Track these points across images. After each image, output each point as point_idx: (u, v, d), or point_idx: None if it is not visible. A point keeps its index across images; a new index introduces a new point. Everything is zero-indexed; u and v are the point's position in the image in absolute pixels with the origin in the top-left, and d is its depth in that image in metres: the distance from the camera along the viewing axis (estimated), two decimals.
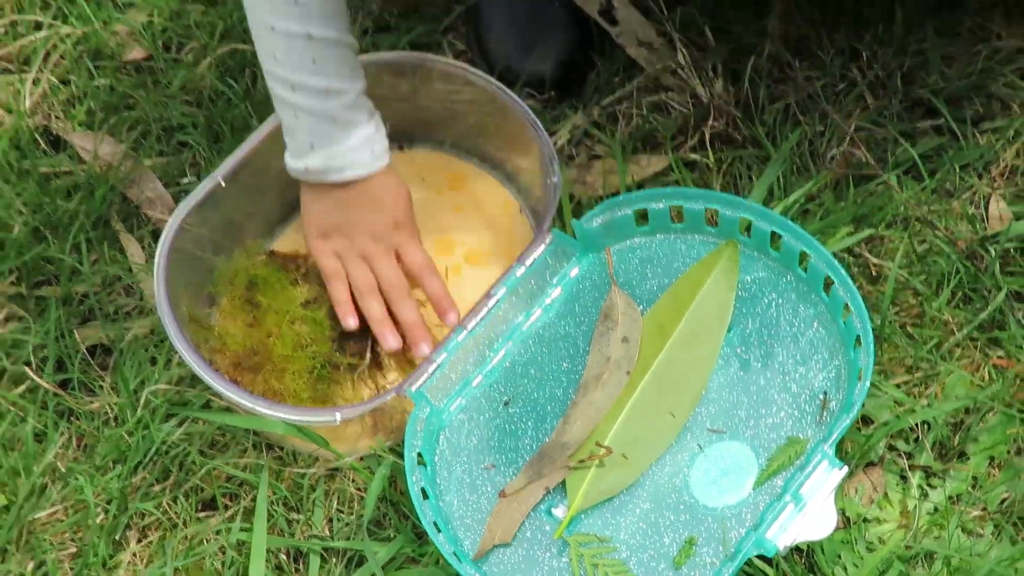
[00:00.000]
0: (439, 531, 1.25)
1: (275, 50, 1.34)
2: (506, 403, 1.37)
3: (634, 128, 1.61)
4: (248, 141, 1.47)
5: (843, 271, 1.33)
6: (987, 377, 1.42)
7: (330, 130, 1.36)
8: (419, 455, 1.31)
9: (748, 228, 1.39)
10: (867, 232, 1.47)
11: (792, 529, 1.21)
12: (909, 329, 1.45)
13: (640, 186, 1.56)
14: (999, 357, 1.44)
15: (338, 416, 1.33)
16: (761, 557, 1.29)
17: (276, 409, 1.34)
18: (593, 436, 1.31)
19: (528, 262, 1.40)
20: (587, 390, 1.35)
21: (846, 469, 1.23)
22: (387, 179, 1.41)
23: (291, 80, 1.34)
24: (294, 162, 1.39)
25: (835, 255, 1.45)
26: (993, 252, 1.47)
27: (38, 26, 1.75)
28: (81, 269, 1.55)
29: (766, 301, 1.38)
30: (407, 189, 1.43)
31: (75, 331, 1.51)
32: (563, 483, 1.30)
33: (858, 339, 1.30)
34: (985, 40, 1.60)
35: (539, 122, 1.48)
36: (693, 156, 1.57)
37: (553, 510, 1.30)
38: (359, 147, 1.37)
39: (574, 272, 1.43)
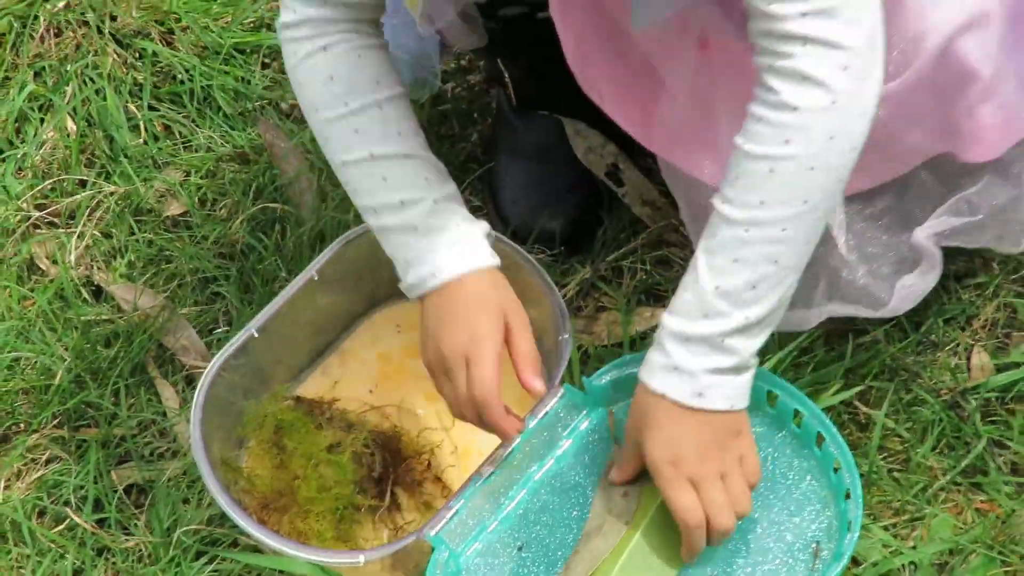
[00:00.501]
0: None
1: (352, 182, 1.38)
2: (520, 548, 1.41)
3: (639, 282, 1.68)
4: (281, 295, 1.53)
5: (834, 428, 1.39)
6: (970, 520, 1.48)
7: (414, 241, 1.37)
8: None
9: None
10: (856, 388, 1.54)
11: None
12: (896, 474, 1.51)
13: (643, 338, 1.63)
14: (981, 501, 1.50)
15: (362, 559, 1.38)
16: None
17: (302, 550, 1.39)
18: None
19: (541, 415, 1.45)
20: (588, 539, 1.39)
21: None
22: (480, 281, 1.37)
23: (371, 205, 1.37)
24: (402, 286, 1.39)
25: (826, 409, 1.52)
26: (974, 402, 1.54)
27: (83, 184, 1.84)
28: (119, 413, 1.62)
29: (762, 455, 1.42)
30: (501, 295, 1.38)
31: (112, 472, 1.58)
32: None
33: (848, 492, 1.36)
34: None
35: (551, 280, 1.53)
36: None
37: None
38: (444, 251, 1.36)
39: (584, 425, 1.47)
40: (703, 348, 1.26)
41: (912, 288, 1.50)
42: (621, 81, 1.48)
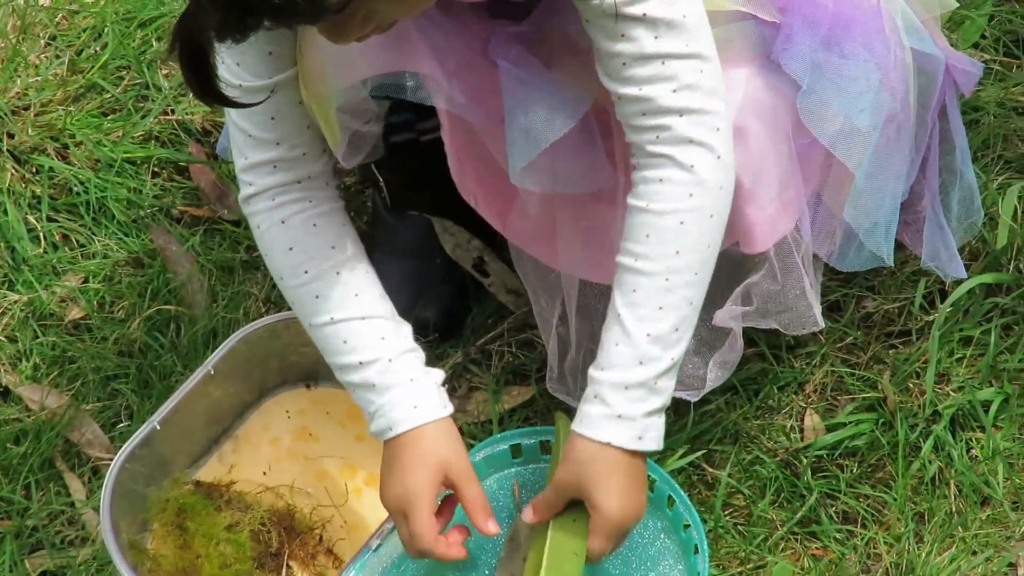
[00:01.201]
0: None
1: (319, 343, 1.48)
2: None
3: (506, 363, 1.80)
4: (179, 389, 1.62)
5: (682, 493, 1.52)
6: (806, 566, 1.61)
7: (373, 397, 1.45)
8: None
9: None
10: (699, 453, 1.68)
11: None
12: (740, 527, 1.65)
13: (512, 414, 1.75)
14: (816, 548, 1.64)
15: None
16: None
17: None
18: None
19: None
20: None
21: None
22: (423, 436, 1.44)
23: (337, 364, 1.47)
24: (369, 432, 1.48)
25: (677, 471, 1.66)
26: (806, 460, 1.70)
27: None
28: (31, 506, 1.69)
29: None
30: (443, 448, 1.45)
31: (26, 560, 1.65)
32: None
33: (696, 547, 1.49)
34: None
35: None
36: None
37: None
38: (397, 408, 1.44)
39: None
40: (641, 393, 1.37)
41: (724, 363, 1.63)
42: (492, 189, 1.59)
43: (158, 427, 1.61)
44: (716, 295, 1.58)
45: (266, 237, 1.50)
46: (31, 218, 1.98)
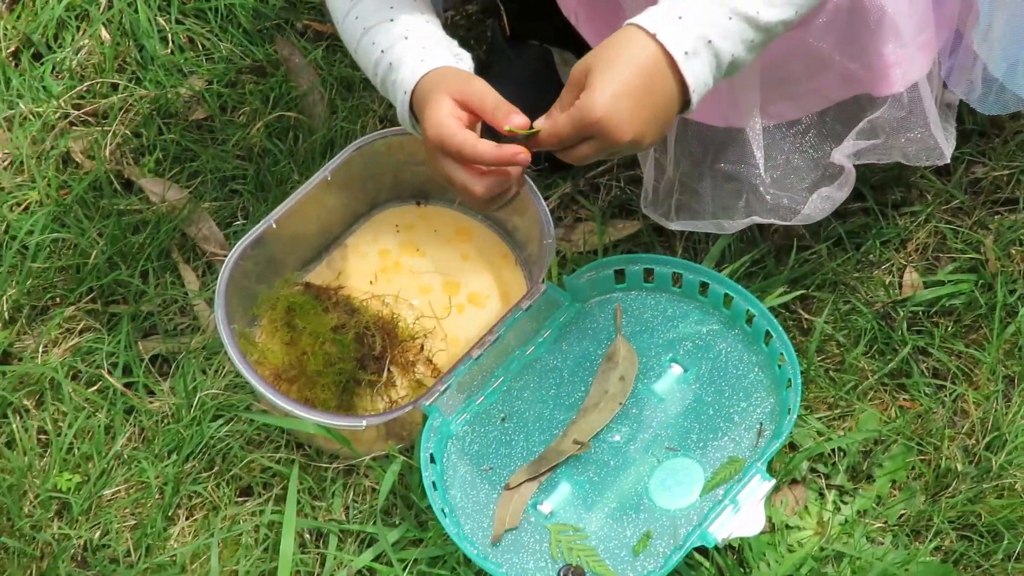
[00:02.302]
0: (445, 516, 1.45)
1: (362, 61, 1.45)
2: (503, 419, 1.55)
3: (613, 197, 1.80)
4: (296, 192, 1.63)
5: (780, 328, 1.53)
6: (893, 415, 1.62)
7: (393, 77, 1.40)
8: (431, 456, 1.49)
9: (706, 289, 1.60)
10: (798, 292, 1.68)
11: (729, 526, 1.41)
12: (832, 373, 1.65)
13: (616, 246, 1.76)
14: (904, 399, 1.65)
15: (364, 423, 1.51)
16: (701, 551, 1.50)
17: (312, 413, 1.52)
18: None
19: (525, 307, 1.57)
20: (586, 413, 1.54)
21: (773, 481, 1.43)
22: (430, 79, 1.37)
23: (371, 71, 1.43)
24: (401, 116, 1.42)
25: (774, 310, 1.66)
26: (902, 314, 1.69)
27: (115, 87, 1.92)
28: (147, 291, 1.73)
29: (718, 348, 1.57)
30: (454, 75, 1.37)
31: (140, 343, 1.70)
32: (551, 482, 1.50)
33: (789, 382, 1.50)
34: None
35: (537, 190, 1.64)
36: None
37: (539, 506, 1.49)
38: (407, 64, 1.39)
39: (563, 317, 1.61)
40: (713, 19, 1.27)
41: (828, 198, 1.59)
42: (592, 4, 1.57)
43: (274, 225, 1.63)
44: (836, 132, 1.56)
45: None
46: (161, 19, 2.00)
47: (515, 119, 1.30)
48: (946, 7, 1.52)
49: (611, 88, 1.25)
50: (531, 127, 1.30)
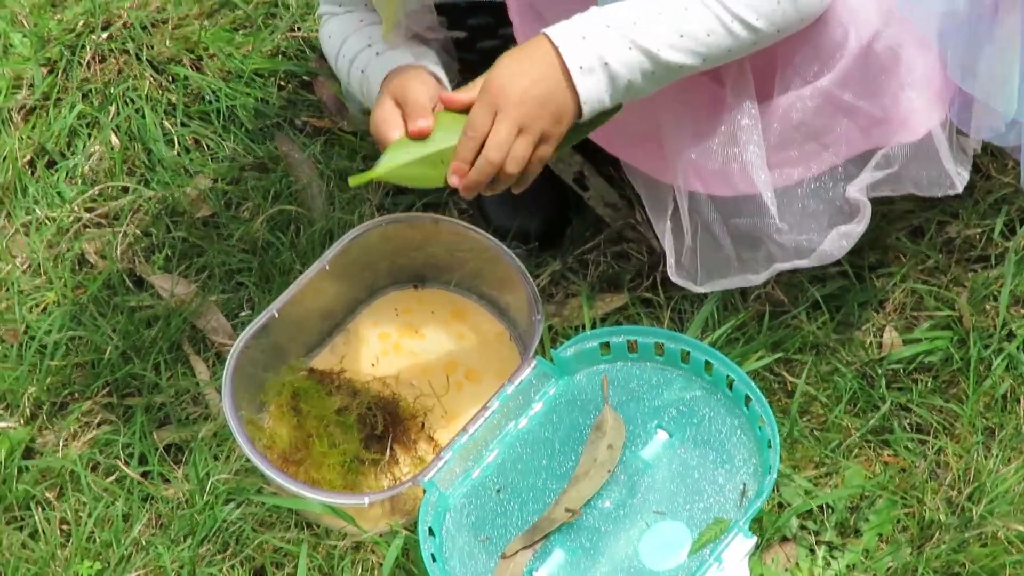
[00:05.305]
0: None
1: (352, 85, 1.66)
2: (498, 491, 1.59)
3: (601, 272, 1.85)
4: (296, 282, 1.68)
5: (758, 391, 1.57)
6: (877, 471, 1.65)
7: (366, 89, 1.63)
8: (430, 529, 1.53)
9: (687, 357, 1.64)
10: (776, 355, 1.72)
11: None
12: (816, 433, 1.69)
13: (604, 320, 1.80)
14: (888, 455, 1.68)
15: (367, 500, 1.55)
16: None
17: (317, 493, 1.56)
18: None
19: (517, 382, 1.62)
20: (576, 481, 1.57)
21: (755, 539, 1.47)
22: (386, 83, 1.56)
23: (355, 89, 1.66)
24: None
25: (757, 373, 1.71)
26: (881, 372, 1.73)
27: (125, 189, 1.99)
28: (159, 383, 1.78)
29: (701, 413, 1.62)
30: (401, 72, 1.55)
31: (154, 432, 1.74)
32: (545, 549, 1.54)
33: (769, 443, 1.55)
34: (881, 203, 1.82)
35: (525, 269, 1.70)
36: (648, 295, 1.81)
37: (534, 573, 1.53)
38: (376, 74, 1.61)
39: (552, 391, 1.65)
40: (614, 32, 1.41)
41: (846, 235, 1.61)
42: None
43: (276, 315, 1.67)
44: (850, 174, 1.61)
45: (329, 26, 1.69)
46: (167, 123, 2.07)
47: (419, 123, 1.45)
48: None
49: (510, 67, 1.41)
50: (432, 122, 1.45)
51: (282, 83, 2.12)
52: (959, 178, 1.62)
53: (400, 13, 1.59)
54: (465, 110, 1.43)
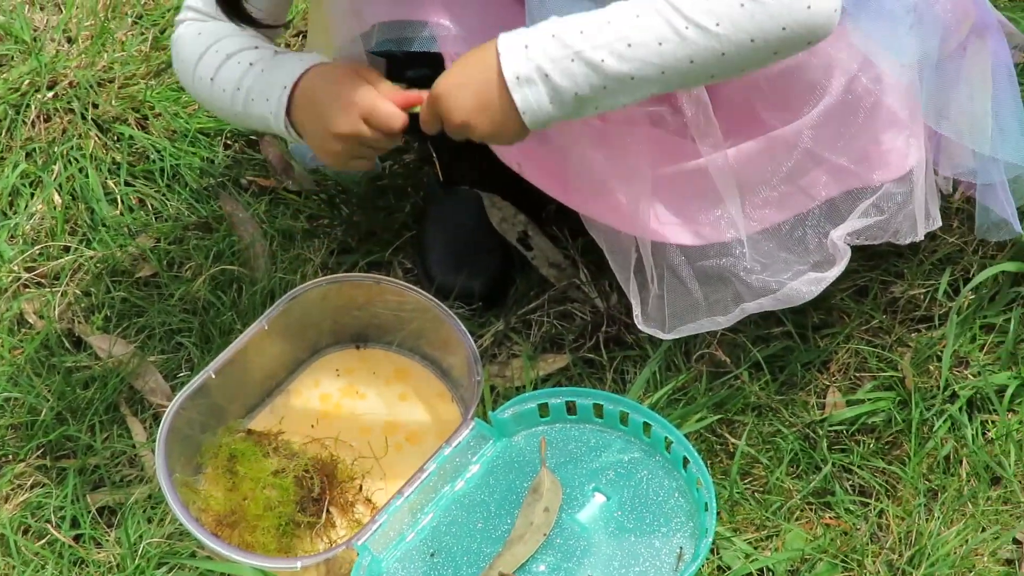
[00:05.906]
0: None
1: (218, 106, 1.65)
2: (432, 555, 1.57)
3: (544, 332, 1.84)
4: (234, 344, 1.68)
5: (695, 453, 1.56)
6: (819, 533, 1.64)
7: (258, 96, 1.61)
8: None
9: (626, 418, 1.63)
10: (718, 416, 1.71)
11: None
12: (757, 495, 1.67)
13: (546, 380, 1.78)
14: (829, 517, 1.66)
15: (299, 564, 1.53)
16: None
17: (249, 557, 1.54)
18: None
19: (454, 444, 1.61)
20: (511, 545, 1.56)
21: None
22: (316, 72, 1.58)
23: (228, 110, 1.64)
24: (273, 122, 1.61)
25: (698, 434, 1.69)
26: (822, 433, 1.72)
27: (67, 249, 1.97)
28: (94, 445, 1.75)
29: (639, 476, 1.60)
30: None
31: (88, 495, 1.71)
32: None
33: (707, 505, 1.53)
34: None
35: (467, 330, 1.69)
36: (590, 355, 1.80)
37: None
38: (279, 68, 1.60)
39: (490, 452, 1.64)
40: (561, 43, 1.40)
41: (818, 280, 1.62)
42: (531, 151, 1.64)
43: (212, 376, 1.66)
44: (832, 217, 1.61)
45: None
46: (111, 182, 2.05)
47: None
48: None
49: (455, 79, 1.47)
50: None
51: (228, 142, 2.11)
52: (923, 226, 1.64)
53: (335, 52, 1.59)
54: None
